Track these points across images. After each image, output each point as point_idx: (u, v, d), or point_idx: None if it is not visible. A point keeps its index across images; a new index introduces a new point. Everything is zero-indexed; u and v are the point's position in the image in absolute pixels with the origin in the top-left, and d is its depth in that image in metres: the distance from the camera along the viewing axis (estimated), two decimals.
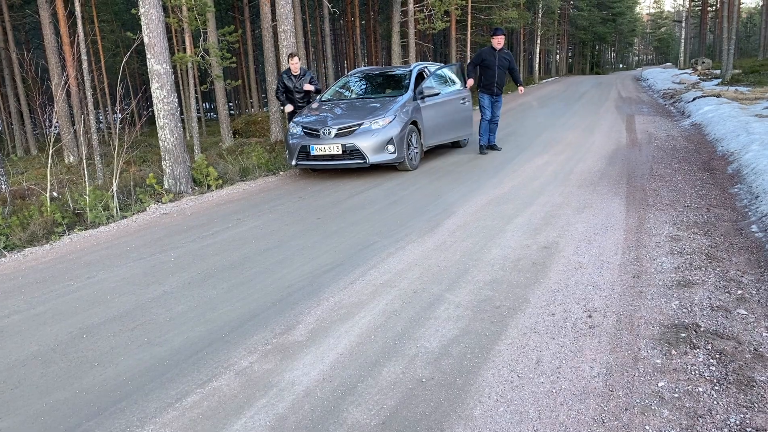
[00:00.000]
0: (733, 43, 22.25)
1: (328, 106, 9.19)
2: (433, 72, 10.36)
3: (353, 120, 8.18)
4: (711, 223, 5.01)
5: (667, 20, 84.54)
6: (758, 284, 3.66)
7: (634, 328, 3.19)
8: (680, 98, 16.68)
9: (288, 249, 5.04)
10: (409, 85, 9.18)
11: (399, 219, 5.79)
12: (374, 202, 6.65)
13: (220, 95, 17.82)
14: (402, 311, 3.59)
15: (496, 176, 7.63)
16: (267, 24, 14.96)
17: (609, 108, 16.69)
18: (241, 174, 9.01)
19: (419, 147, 8.83)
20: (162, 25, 7.69)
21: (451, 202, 6.36)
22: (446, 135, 9.95)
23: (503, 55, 9.41)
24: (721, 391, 2.55)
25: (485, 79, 9.51)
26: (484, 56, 9.43)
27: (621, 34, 66.63)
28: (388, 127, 8.07)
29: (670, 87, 22.62)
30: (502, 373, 2.81)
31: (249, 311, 3.76)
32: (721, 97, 14.07)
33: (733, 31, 22.38)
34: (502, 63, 9.39)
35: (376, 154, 7.98)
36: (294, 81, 9.67)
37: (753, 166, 6.52)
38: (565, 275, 4.02)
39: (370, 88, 10.05)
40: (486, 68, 9.42)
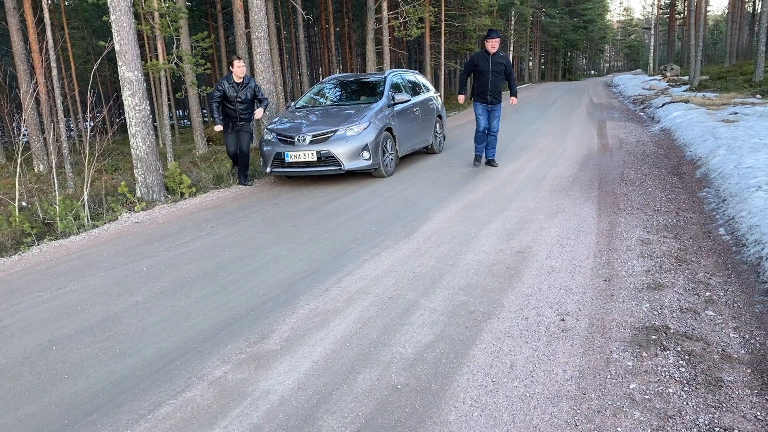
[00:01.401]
0: (700, 50, 22.76)
1: (302, 112, 9.17)
2: (408, 79, 10.43)
3: (328, 127, 8.18)
4: (680, 226, 5.10)
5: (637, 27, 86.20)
6: (726, 286, 3.74)
7: (606, 331, 3.24)
8: (650, 104, 17.00)
9: (262, 257, 5.01)
10: (384, 91, 9.21)
11: (374, 225, 5.80)
12: (350, 208, 6.64)
13: (194, 102, 17.68)
14: (377, 318, 3.59)
15: (471, 182, 7.68)
16: (241, 31, 14.91)
17: (581, 114, 16.93)
18: (214, 181, 8.93)
19: (394, 153, 8.85)
20: (133, 32, 7.62)
21: (426, 208, 6.39)
22: (420, 141, 10.01)
23: (498, 60, 8.42)
24: (690, 392, 2.59)
25: (478, 86, 8.56)
26: (477, 61, 8.49)
27: (592, 41, 67.71)
28: (363, 133, 8.08)
29: (640, 93, 23.04)
30: (477, 378, 2.82)
31: (223, 320, 3.73)
32: (689, 103, 14.37)
33: (700, 39, 22.90)
34: (497, 68, 8.39)
35: (352, 160, 7.98)
36: (237, 89, 8.29)
37: (720, 170, 6.67)
38: (538, 279, 4.06)
39: (345, 94, 10.06)
40: (479, 74, 8.47)
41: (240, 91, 8.29)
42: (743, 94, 16.37)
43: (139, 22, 13.80)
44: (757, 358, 2.83)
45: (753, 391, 2.57)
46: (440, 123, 11.05)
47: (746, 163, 6.51)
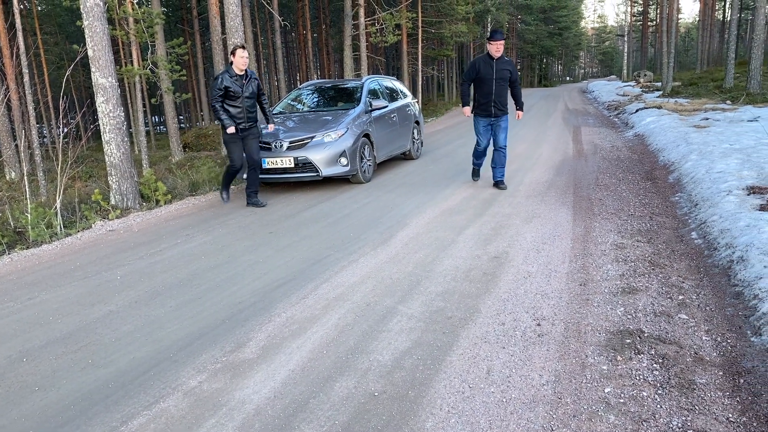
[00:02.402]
0: (672, 56, 23.17)
1: (280, 118, 9.13)
2: (385, 85, 10.46)
3: (305, 133, 8.16)
4: (654, 230, 5.17)
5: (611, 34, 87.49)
6: (698, 289, 3.80)
7: (582, 335, 3.26)
8: (624, 110, 17.25)
9: (239, 264, 4.97)
10: (361, 98, 9.22)
11: (352, 232, 5.78)
12: (327, 215, 6.62)
13: (170, 108, 17.50)
14: (355, 325, 3.58)
15: (448, 188, 7.71)
16: (217, 37, 14.79)
17: (556, 120, 17.11)
18: (190, 188, 8.85)
19: (372, 159, 8.86)
20: (107, 38, 7.53)
21: (404, 213, 6.39)
22: (398, 147, 10.04)
23: (503, 65, 7.16)
24: (664, 395, 2.62)
25: (480, 97, 7.29)
26: (479, 67, 7.20)
27: (567, 48, 68.54)
28: (340, 139, 8.08)
29: (614, 99, 23.38)
30: (454, 384, 2.82)
31: (198, 329, 3.69)
32: (662, 109, 14.62)
33: (672, 45, 23.31)
34: (502, 75, 7.14)
35: (329, 166, 7.96)
36: (241, 83, 7.07)
37: (692, 175, 6.79)
38: (514, 285, 4.09)
39: (323, 100, 10.05)
40: (481, 82, 7.21)
41: (245, 84, 7.11)
42: (714, 100, 16.69)
43: (114, 27, 13.66)
44: (729, 361, 2.87)
45: (725, 393, 2.61)
46: (418, 129, 11.09)
47: (717, 168, 6.64)
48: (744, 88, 18.11)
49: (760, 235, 4.18)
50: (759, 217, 4.63)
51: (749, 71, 17.97)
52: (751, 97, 15.91)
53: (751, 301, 3.42)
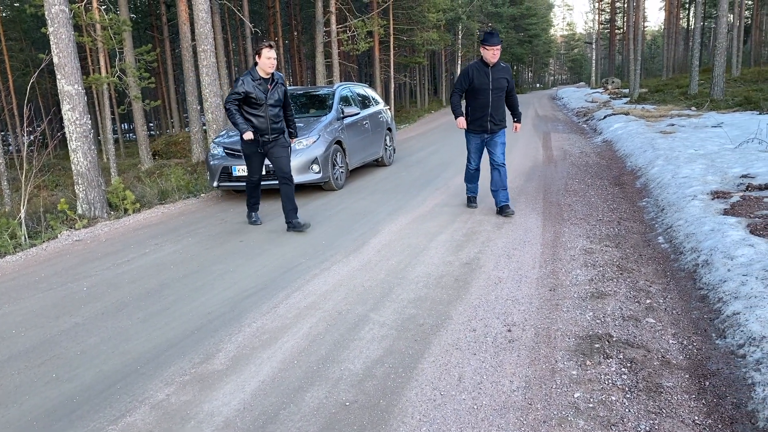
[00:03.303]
0: (639, 63, 23.65)
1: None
2: (357, 92, 10.47)
3: None
4: (621, 235, 5.25)
5: (580, 42, 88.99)
6: (665, 293, 3.86)
7: (551, 340, 3.29)
8: (593, 116, 17.53)
9: (209, 274, 4.91)
10: (333, 105, 9.20)
11: (324, 239, 5.76)
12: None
13: (139, 116, 17.28)
14: (326, 334, 3.56)
15: (420, 194, 7.73)
16: (187, 44, 14.68)
17: (526, 126, 17.30)
18: (160, 197, 8.73)
19: (345, 166, 8.84)
20: (73, 45, 7.39)
21: (376, 220, 6.39)
22: (370, 154, 10.05)
23: (500, 73, 6.15)
24: (632, 399, 2.65)
25: (474, 110, 6.25)
26: (473, 75, 6.14)
27: (537, 55, 69.46)
28: (312, 146, 8.05)
29: (583, 105, 23.74)
30: (425, 392, 2.82)
31: (166, 341, 3.62)
32: (629, 115, 14.88)
33: (638, 53, 23.80)
34: (499, 83, 6.14)
35: (301, 174, 7.92)
36: (265, 88, 5.92)
37: (658, 180, 6.91)
38: (485, 290, 4.10)
39: (294, 107, 9.99)
40: (475, 93, 6.18)
41: (270, 90, 5.95)
42: (680, 106, 17.05)
43: (81, 34, 13.45)
44: (695, 364, 2.92)
45: (691, 396, 2.65)
46: (390, 136, 11.12)
47: (683, 173, 6.77)
48: (708, 94, 18.55)
49: (723, 239, 4.27)
50: (722, 221, 4.73)
51: (713, 78, 18.41)
52: (715, 104, 16.30)
53: (715, 305, 3.49)
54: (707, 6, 43.78)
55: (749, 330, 3.01)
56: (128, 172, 15.89)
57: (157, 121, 42.28)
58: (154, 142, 22.60)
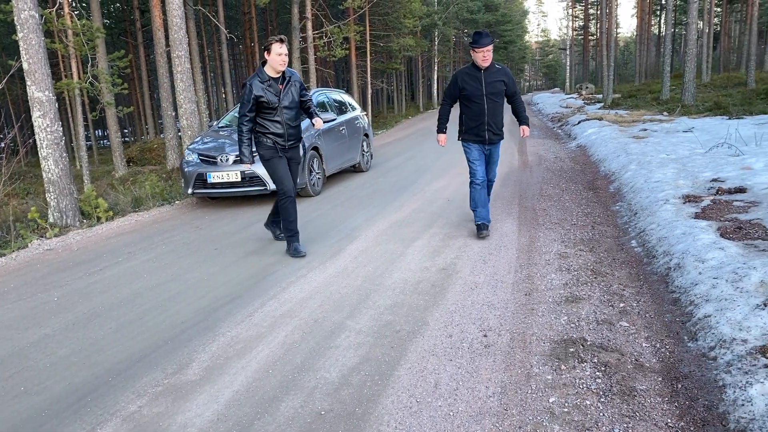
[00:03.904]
0: (612, 69, 24.00)
1: (226, 132, 9.00)
2: (334, 98, 10.46)
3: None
4: (595, 239, 5.30)
5: (554, 48, 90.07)
6: (638, 297, 3.90)
7: (527, 345, 3.30)
8: (567, 121, 17.73)
9: (182, 282, 4.84)
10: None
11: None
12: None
13: (112, 122, 17.05)
14: (302, 342, 3.53)
15: (397, 200, 7.73)
16: (161, 49, 14.53)
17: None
18: (133, 204, 8.61)
19: (321, 172, 8.82)
20: (43, 51, 7.27)
21: (353, 227, 6.37)
22: (347, 160, 10.04)
23: (495, 76, 5.46)
24: (606, 403, 2.67)
25: (469, 119, 5.61)
26: (463, 82, 5.50)
27: (512, 61, 70.12)
28: None
29: (558, 111, 24.01)
30: (401, 399, 2.81)
31: (139, 351, 3.56)
32: (603, 120, 15.08)
33: (611, 59, 24.15)
34: (494, 88, 5.45)
35: None
36: (276, 90, 5.18)
37: (631, 184, 7.01)
38: (462, 296, 4.11)
39: None
40: (468, 101, 5.55)
41: (283, 91, 5.23)
42: (652, 111, 17.33)
43: (53, 40, 13.25)
44: (667, 366, 2.95)
45: (664, 398, 2.68)
46: (367, 141, 11.12)
47: (655, 177, 6.87)
48: (679, 99, 18.88)
49: (695, 243, 4.33)
50: (694, 225, 4.80)
51: (683, 84, 18.75)
52: (686, 109, 16.60)
53: (687, 307, 3.53)
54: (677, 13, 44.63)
55: (720, 332, 3.06)
56: (102, 179, 15.66)
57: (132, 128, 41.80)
58: (129, 148, 22.33)
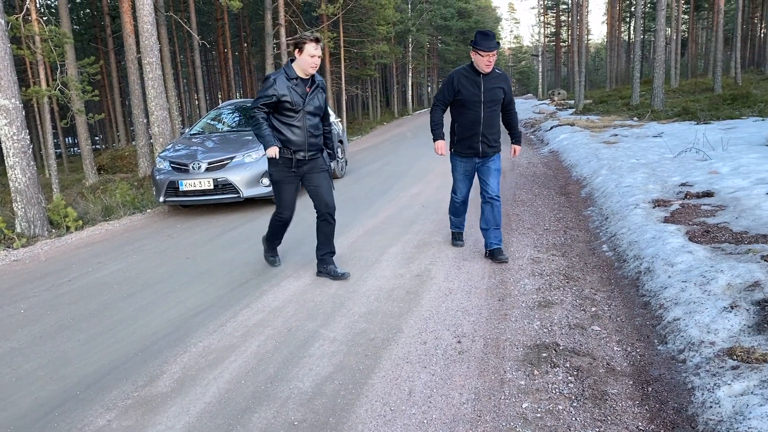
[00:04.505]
0: (583, 75, 24.35)
1: (198, 139, 8.92)
2: None
3: (225, 153, 7.99)
4: (568, 244, 5.36)
5: (527, 54, 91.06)
6: (609, 301, 3.94)
7: (500, 350, 3.31)
8: (540, 127, 17.93)
9: (154, 293, 4.77)
10: None
11: None
12: (248, 237, 6.48)
13: (83, 130, 16.79)
14: (275, 352, 3.50)
15: (372, 207, 7.73)
16: (132, 56, 14.37)
17: None
18: (104, 213, 8.47)
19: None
20: (9, 58, 7.13)
21: None
22: None
23: (495, 82, 4.84)
24: (578, 407, 2.69)
25: (461, 129, 4.98)
26: (459, 85, 4.84)
27: None
28: (262, 159, 7.95)
29: (530, 116, 24.27)
30: (375, 408, 2.79)
31: (108, 364, 3.49)
32: (574, 126, 15.27)
33: (582, 65, 24.51)
34: (494, 95, 4.85)
35: (251, 187, 7.83)
36: (303, 92, 4.51)
37: (602, 189, 7.10)
38: (436, 302, 4.11)
39: (244, 120, 9.88)
40: (463, 108, 4.90)
41: (309, 94, 4.55)
42: (622, 117, 17.60)
43: (20, 46, 13.01)
44: (638, 370, 2.99)
45: (635, 402, 2.70)
46: (342, 148, 11.10)
47: (625, 182, 6.97)
48: (649, 105, 19.22)
49: (664, 247, 4.40)
50: (663, 229, 4.88)
51: (653, 89, 19.10)
52: (656, 114, 16.90)
53: (657, 311, 3.58)
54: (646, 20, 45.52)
55: (689, 335, 3.10)
56: (71, 188, 15.39)
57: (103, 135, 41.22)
58: (100, 156, 21.99)
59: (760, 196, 5.43)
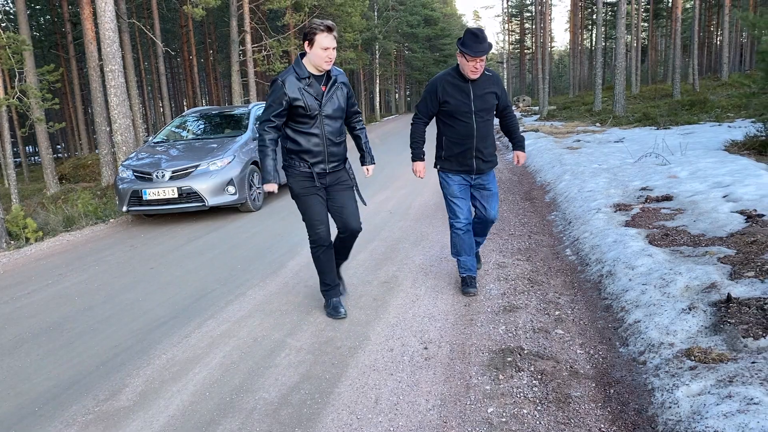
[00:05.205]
0: (547, 82, 24.77)
1: (162, 147, 8.81)
2: None
3: (190, 161, 7.91)
4: (532, 249, 5.43)
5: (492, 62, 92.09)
6: (572, 304, 4.01)
7: (466, 356, 3.34)
8: None
9: (116, 304, 4.68)
10: (249, 124, 9.10)
11: (240, 263, 5.63)
12: (214, 246, 6.41)
13: (43, 138, 16.40)
14: (240, 362, 3.46)
15: None
16: (94, 63, 14.10)
17: None
18: (65, 224, 8.29)
19: (262, 187, 8.70)
20: None
21: (295, 242, 6.31)
22: None
23: (486, 86, 4.16)
24: (542, 411, 2.72)
25: (450, 144, 4.34)
26: (445, 94, 4.16)
27: None
28: (227, 167, 7.90)
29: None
30: (342, 417, 2.78)
31: (68, 378, 3.41)
32: (539, 132, 15.51)
33: (546, 72, 24.93)
34: (485, 103, 4.19)
35: (216, 196, 7.75)
36: (318, 91, 3.75)
37: (566, 194, 7.22)
38: (403, 309, 4.12)
39: (209, 128, 9.80)
40: (450, 118, 4.24)
41: (326, 94, 3.79)
42: (585, 123, 17.95)
43: None
44: (600, 372, 3.04)
45: (597, 404, 2.75)
46: None
47: (588, 187, 7.10)
48: (611, 111, 19.65)
49: (625, 250, 4.49)
50: (624, 232, 4.98)
51: (614, 95, 19.53)
52: (617, 120, 17.27)
53: (618, 313, 3.65)
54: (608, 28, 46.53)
55: (649, 337, 3.17)
56: (32, 198, 15.02)
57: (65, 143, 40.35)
58: (62, 165, 21.52)
59: (717, 199, 5.59)
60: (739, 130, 10.85)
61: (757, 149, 8.68)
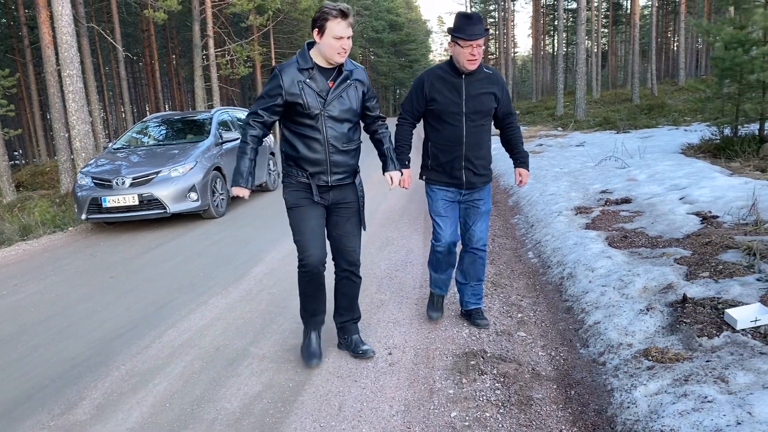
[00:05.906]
0: (511, 87, 25.09)
1: (123, 153, 8.64)
2: (237, 116, 10.28)
3: (151, 168, 7.77)
4: (496, 252, 5.48)
5: None
6: (534, 307, 4.06)
7: (430, 360, 3.34)
8: None
9: (74, 314, 4.56)
10: (211, 130, 8.99)
11: (202, 271, 5.54)
12: (176, 254, 6.30)
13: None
14: (202, 372, 3.40)
15: None
16: (51, 68, 13.76)
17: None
18: (21, 232, 8.06)
19: (225, 193, 8.62)
20: None
21: (259, 249, 6.25)
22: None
23: (483, 84, 3.53)
24: (505, 414, 2.74)
25: (437, 150, 3.72)
26: (433, 90, 3.56)
27: None
28: (189, 174, 7.79)
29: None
30: (305, 425, 2.76)
31: (22, 392, 3.31)
32: None
33: (510, 77, 25.28)
34: (480, 104, 3.54)
35: (178, 202, 7.63)
36: (323, 87, 3.10)
37: (528, 197, 7.32)
38: (368, 314, 4.11)
39: (171, 133, 9.65)
40: (438, 120, 3.63)
41: (333, 90, 3.14)
42: (548, 127, 18.24)
43: None
44: (561, 374, 3.08)
45: (558, 406, 2.78)
46: (273, 160, 10.99)
47: (550, 190, 7.21)
48: (572, 115, 20.00)
49: (585, 252, 4.57)
50: (585, 235, 5.06)
51: (575, 100, 19.90)
52: (579, 124, 17.59)
53: (579, 315, 3.71)
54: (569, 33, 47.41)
55: (608, 338, 3.23)
56: None
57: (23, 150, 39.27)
58: (19, 172, 20.95)
59: (674, 201, 5.73)
60: (695, 134, 11.16)
61: (712, 152, 8.93)
